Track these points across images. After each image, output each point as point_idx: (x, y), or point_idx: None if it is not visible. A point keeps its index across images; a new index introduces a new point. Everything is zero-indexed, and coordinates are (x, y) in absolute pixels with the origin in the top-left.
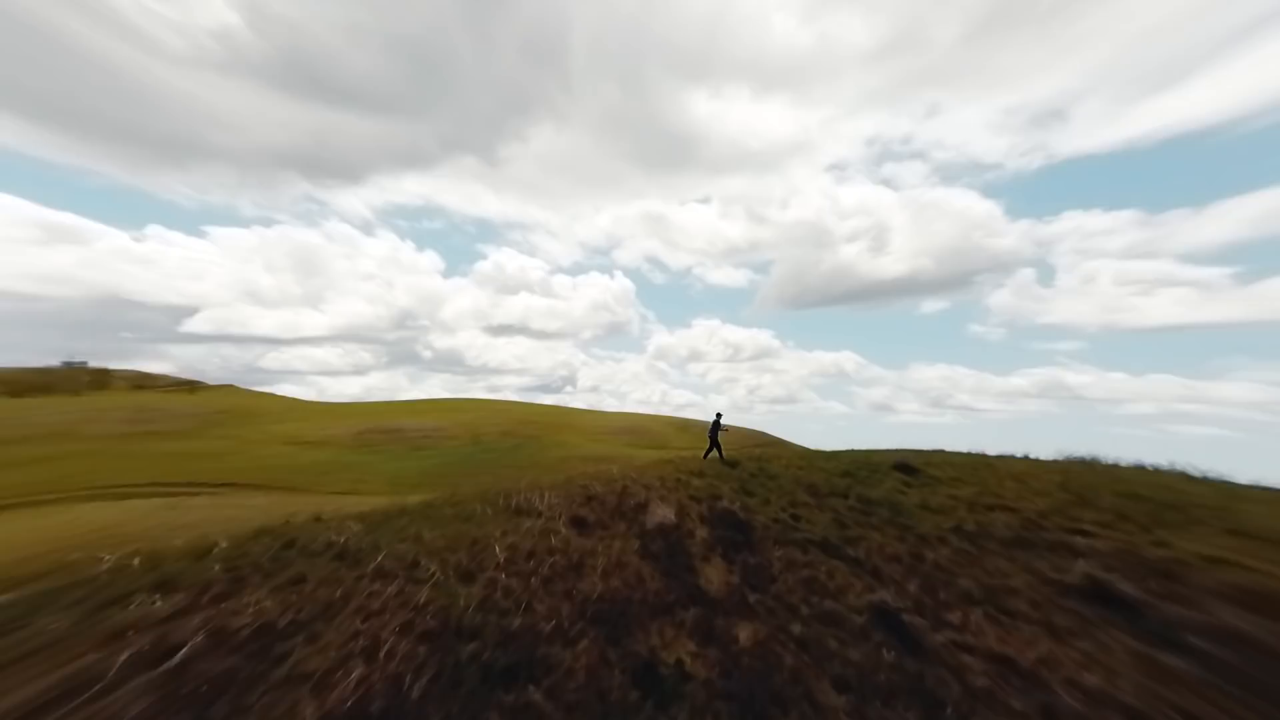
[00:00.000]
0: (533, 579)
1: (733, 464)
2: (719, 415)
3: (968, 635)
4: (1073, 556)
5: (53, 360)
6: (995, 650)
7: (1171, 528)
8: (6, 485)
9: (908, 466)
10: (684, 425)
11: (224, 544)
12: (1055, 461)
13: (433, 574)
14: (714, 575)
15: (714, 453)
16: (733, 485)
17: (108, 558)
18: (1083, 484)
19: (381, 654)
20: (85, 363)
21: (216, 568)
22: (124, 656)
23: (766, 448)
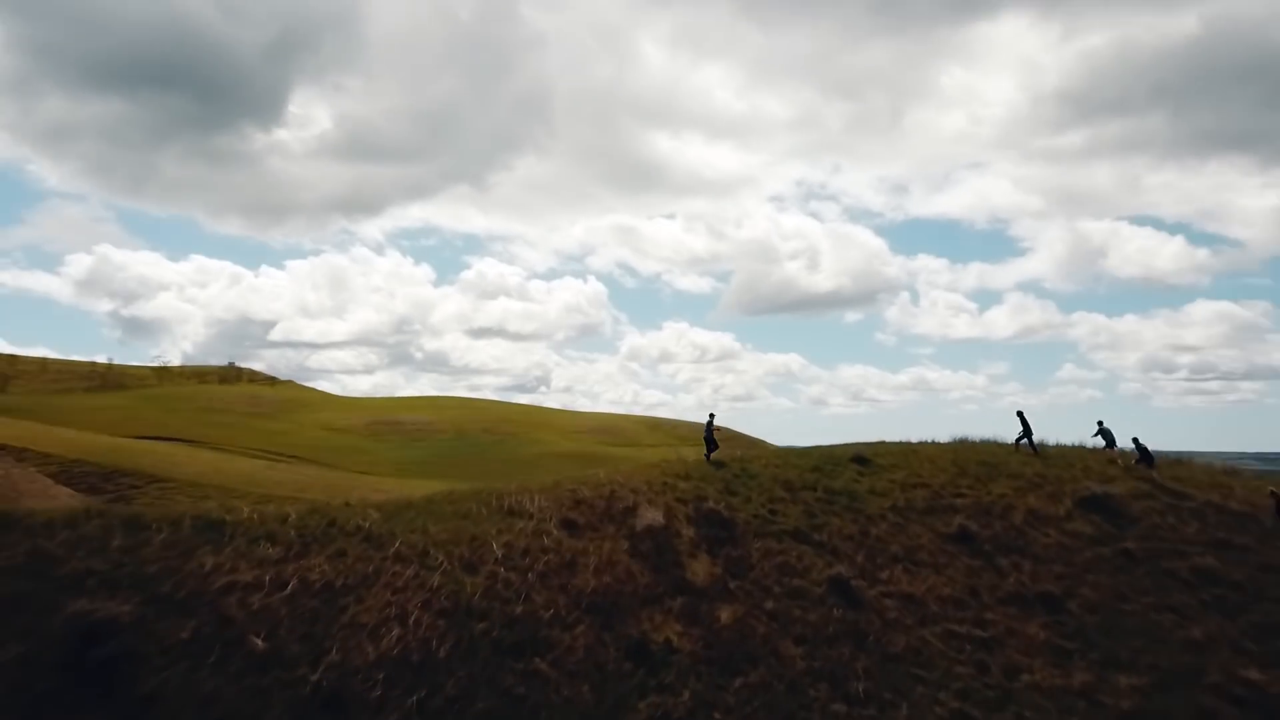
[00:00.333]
0: (529, 574)
1: (719, 464)
2: (712, 416)
3: (890, 586)
4: (954, 514)
5: (221, 360)
6: (905, 591)
7: (990, 481)
8: (201, 436)
9: (862, 458)
10: (655, 424)
11: (293, 515)
12: (949, 443)
13: (441, 563)
14: (699, 569)
15: (714, 452)
16: (717, 486)
17: (246, 508)
18: (962, 459)
19: (410, 620)
20: (233, 363)
21: (292, 533)
22: (267, 579)
23: (729, 442)
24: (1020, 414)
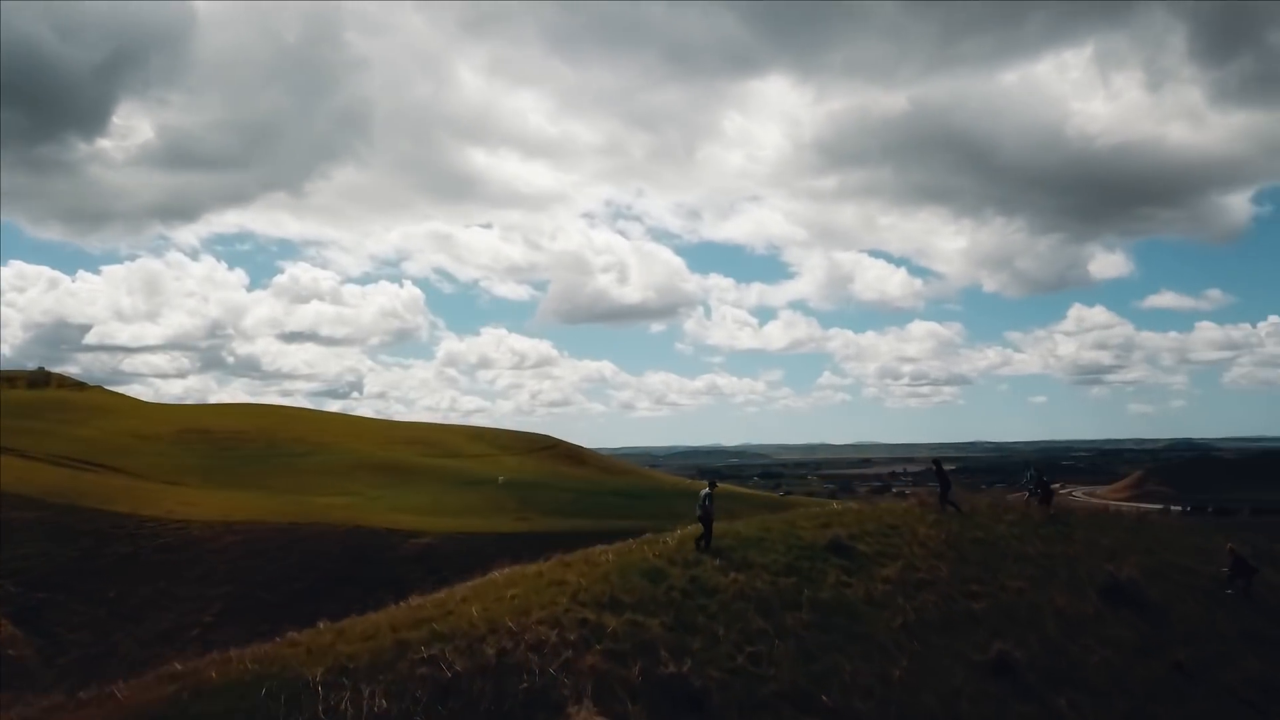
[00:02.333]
0: None
1: (705, 548)
2: (712, 486)
3: None
4: (976, 626)
5: (31, 364)
6: None
7: (995, 567)
8: (7, 443)
9: (841, 545)
10: (475, 434)
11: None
12: (919, 510)
13: None
14: None
15: (708, 527)
16: (664, 619)
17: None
18: (952, 535)
19: None
20: (43, 368)
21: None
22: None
23: (550, 449)
24: (936, 463)
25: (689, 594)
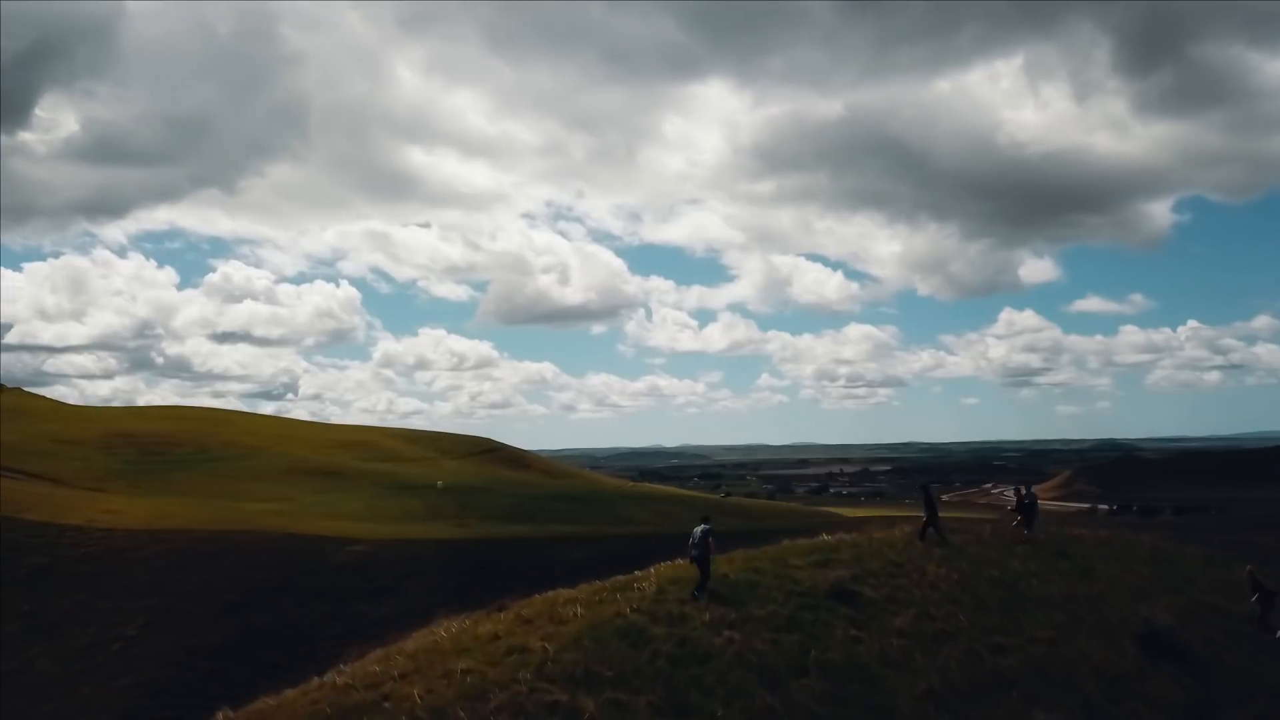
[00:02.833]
0: None
1: (701, 595)
2: (706, 525)
3: None
4: (1009, 689)
5: None
6: None
7: (1019, 612)
8: None
9: (844, 591)
10: (413, 437)
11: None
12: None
13: None
14: None
15: (704, 571)
16: (652, 696)
17: None
18: (964, 574)
19: None
20: None
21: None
22: None
23: (491, 452)
24: (925, 489)
25: (678, 661)
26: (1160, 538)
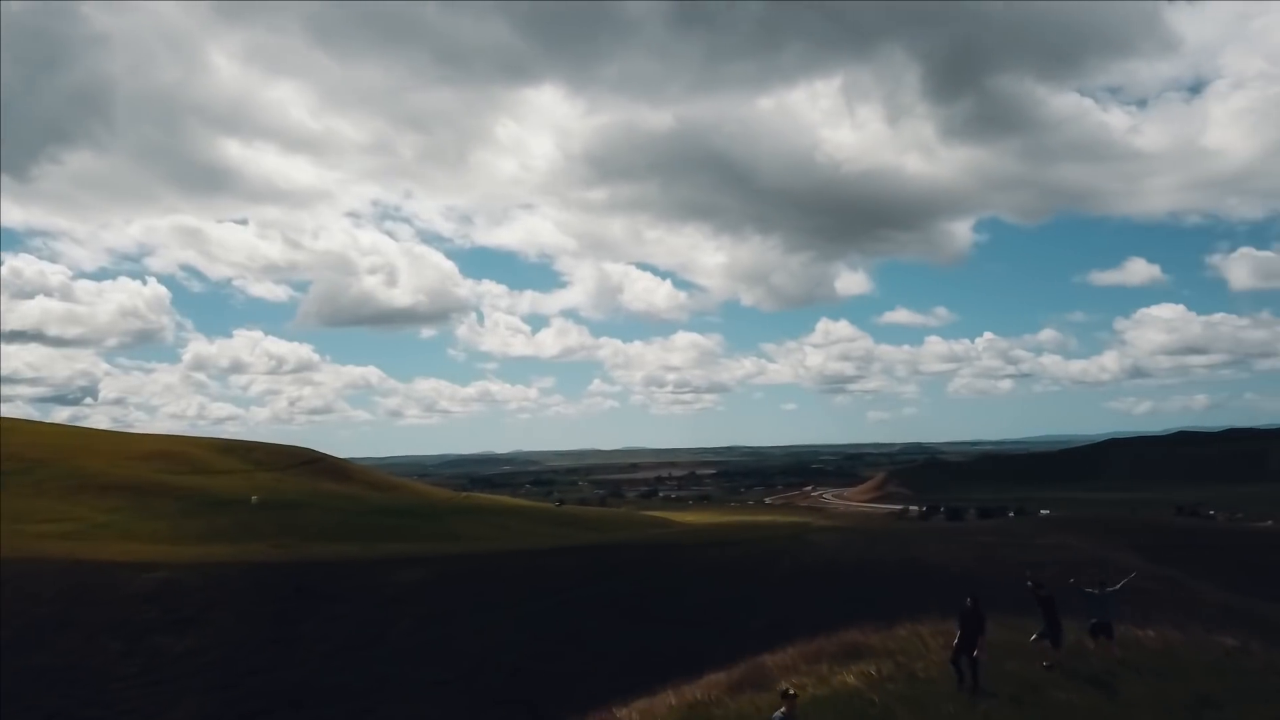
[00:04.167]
0: None
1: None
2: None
3: None
4: None
5: None
6: None
7: None
8: None
9: None
10: (227, 446)
11: None
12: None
13: None
14: None
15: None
16: None
17: None
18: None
19: None
20: None
21: None
22: None
23: (312, 464)
24: (1038, 587)
25: None
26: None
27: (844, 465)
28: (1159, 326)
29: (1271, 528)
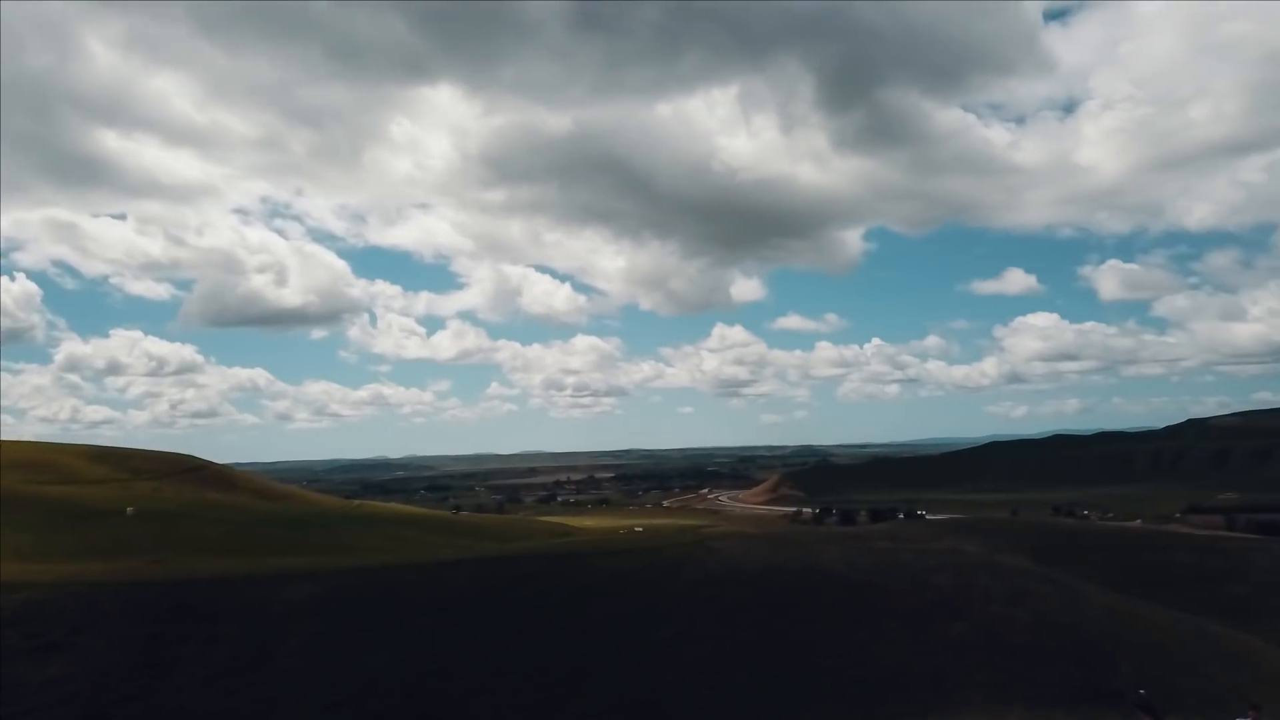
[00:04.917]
0: None
1: None
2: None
3: None
4: None
5: None
6: None
7: None
8: None
9: None
10: (100, 454)
11: None
12: None
13: None
14: None
15: None
16: None
17: None
18: None
19: None
20: None
21: None
22: None
23: (196, 471)
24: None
25: None
26: None
27: (738, 467)
28: (1034, 334)
29: (1140, 527)
